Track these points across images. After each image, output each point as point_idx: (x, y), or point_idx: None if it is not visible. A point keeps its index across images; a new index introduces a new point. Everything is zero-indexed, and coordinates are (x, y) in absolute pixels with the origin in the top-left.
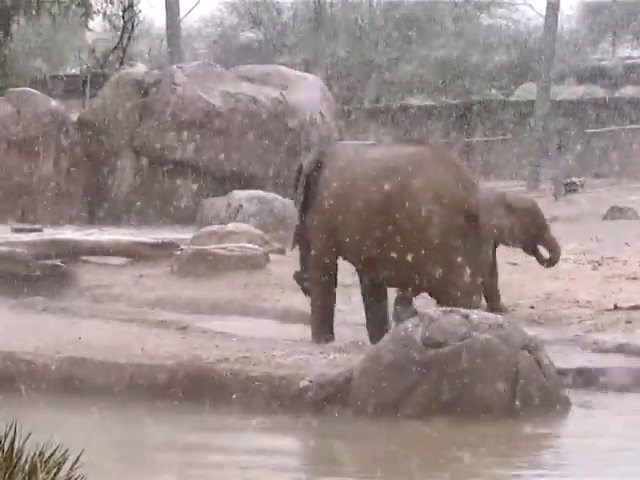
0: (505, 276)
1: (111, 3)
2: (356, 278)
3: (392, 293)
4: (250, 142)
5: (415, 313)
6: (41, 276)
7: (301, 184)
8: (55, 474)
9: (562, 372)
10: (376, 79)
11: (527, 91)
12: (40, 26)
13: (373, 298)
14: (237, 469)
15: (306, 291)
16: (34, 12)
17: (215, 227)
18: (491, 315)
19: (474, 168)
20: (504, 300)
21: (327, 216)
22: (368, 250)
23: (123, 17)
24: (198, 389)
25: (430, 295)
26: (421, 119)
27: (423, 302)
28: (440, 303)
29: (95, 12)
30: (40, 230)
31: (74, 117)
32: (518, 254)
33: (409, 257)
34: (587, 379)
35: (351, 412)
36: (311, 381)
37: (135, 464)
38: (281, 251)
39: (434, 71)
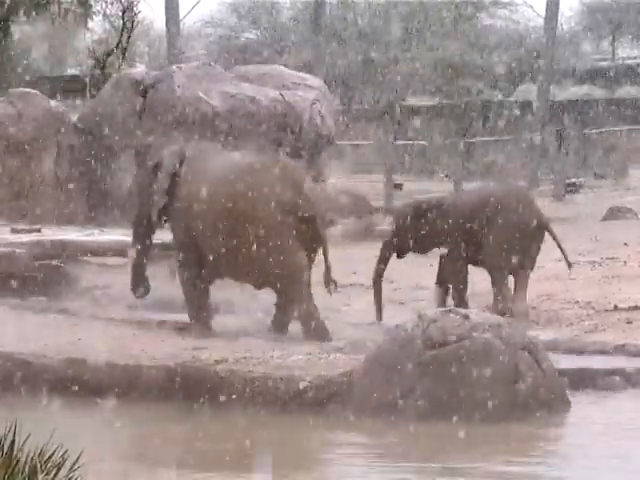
0: None
1: (111, 4)
2: (355, 278)
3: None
4: (250, 143)
5: None
6: (41, 276)
7: (163, 182)
8: (55, 475)
9: (562, 373)
10: (376, 79)
11: (527, 91)
12: (40, 26)
13: (205, 286)
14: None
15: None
16: (34, 12)
17: None
18: (491, 315)
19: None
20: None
21: (186, 214)
22: (214, 248)
23: (123, 18)
24: (198, 390)
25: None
26: (421, 119)
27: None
28: (280, 298)
29: (95, 13)
30: (40, 230)
31: (74, 117)
32: None
33: (242, 255)
34: (587, 380)
35: (351, 412)
36: (311, 381)
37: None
38: None
39: (434, 71)
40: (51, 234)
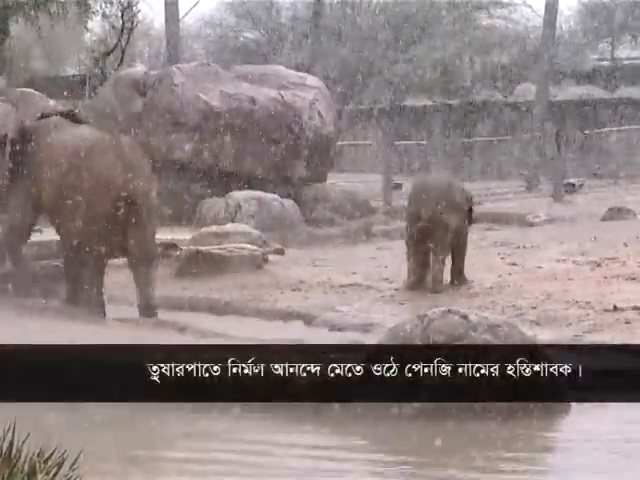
0: (505, 276)
1: (110, 3)
2: (355, 278)
3: None
4: (249, 142)
5: None
6: (41, 277)
7: (7, 155)
8: (54, 474)
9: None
10: (376, 79)
11: (526, 91)
12: (39, 26)
13: (73, 263)
14: None
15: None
16: (33, 12)
17: (214, 227)
18: (490, 316)
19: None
20: (506, 300)
21: (31, 187)
22: (59, 223)
23: (122, 17)
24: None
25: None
26: (421, 119)
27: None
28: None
29: (94, 12)
30: (40, 231)
31: None
32: (518, 254)
33: (77, 232)
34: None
35: (350, 412)
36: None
37: None
38: (280, 251)
39: (434, 71)
40: (51, 234)
